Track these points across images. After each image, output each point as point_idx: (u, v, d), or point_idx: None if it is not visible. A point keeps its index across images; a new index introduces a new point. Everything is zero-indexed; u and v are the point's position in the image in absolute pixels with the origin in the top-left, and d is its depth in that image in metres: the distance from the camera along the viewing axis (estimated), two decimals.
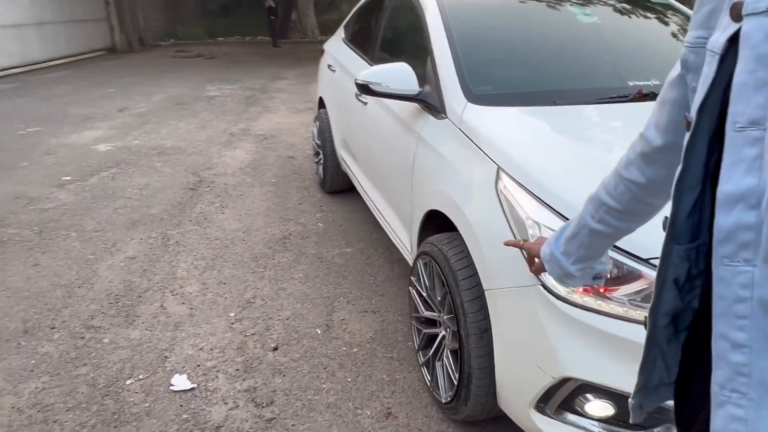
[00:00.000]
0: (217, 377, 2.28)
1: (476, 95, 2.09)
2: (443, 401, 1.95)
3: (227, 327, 2.63)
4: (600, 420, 1.48)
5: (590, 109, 2.03)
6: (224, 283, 3.03)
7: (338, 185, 4.18)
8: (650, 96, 2.11)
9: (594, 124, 1.97)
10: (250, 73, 11.64)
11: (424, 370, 2.14)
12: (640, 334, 1.33)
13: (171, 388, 2.21)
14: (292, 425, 2.02)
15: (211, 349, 2.46)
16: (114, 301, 2.86)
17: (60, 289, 2.97)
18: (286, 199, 4.31)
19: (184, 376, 2.27)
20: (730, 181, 0.64)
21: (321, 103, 4.38)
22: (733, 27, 0.66)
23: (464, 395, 1.80)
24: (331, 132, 4.02)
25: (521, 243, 1.32)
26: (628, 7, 2.71)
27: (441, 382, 1.97)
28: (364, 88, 2.30)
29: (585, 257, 1.10)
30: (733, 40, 0.65)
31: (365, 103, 2.99)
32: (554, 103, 2.03)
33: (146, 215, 4.00)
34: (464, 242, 1.78)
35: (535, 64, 2.33)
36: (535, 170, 1.65)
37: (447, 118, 2.10)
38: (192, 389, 2.20)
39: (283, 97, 8.85)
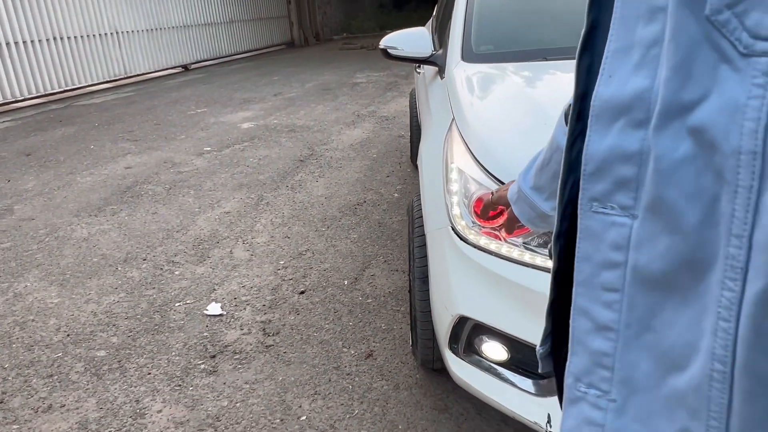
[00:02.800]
0: (245, 309, 2.61)
1: (475, 54, 2.11)
2: (410, 346, 2.04)
3: (273, 272, 2.96)
4: (499, 364, 1.47)
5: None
6: (288, 237, 3.38)
7: None
8: None
9: (566, 76, 1.87)
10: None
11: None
12: (531, 279, 1.34)
13: (205, 312, 2.59)
14: (284, 352, 2.26)
15: (251, 287, 2.80)
16: (197, 244, 3.36)
17: (162, 232, 3.57)
18: (377, 172, 4.55)
19: (219, 305, 2.64)
20: (613, 78, 0.45)
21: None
22: None
23: (415, 339, 1.87)
24: (416, 106, 4.16)
25: (489, 197, 1.07)
26: None
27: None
28: (384, 53, 2.43)
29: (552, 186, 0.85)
30: None
31: (419, 73, 3.09)
32: (544, 59, 1.97)
33: (254, 180, 4.53)
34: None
35: (544, 24, 2.24)
36: (478, 122, 1.66)
37: (445, 77, 2.15)
38: (221, 315, 2.56)
39: None
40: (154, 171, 4.93)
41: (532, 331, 1.36)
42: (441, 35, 2.53)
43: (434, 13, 4.25)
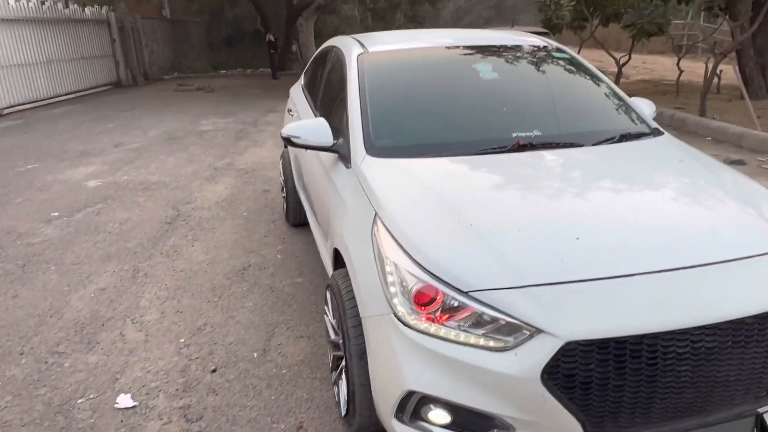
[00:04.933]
0: (158, 396, 2.59)
1: (377, 148, 2.42)
2: (343, 415, 2.24)
3: (176, 352, 2.94)
4: (442, 426, 1.77)
5: (470, 160, 2.35)
6: (181, 312, 3.35)
7: (301, 218, 4.50)
8: (527, 147, 2.44)
9: (464, 174, 2.28)
10: (245, 106, 12.12)
11: (335, 389, 2.43)
12: (468, 355, 1.65)
13: (115, 405, 2.51)
14: None
15: (158, 372, 2.77)
16: (79, 329, 3.18)
17: (33, 318, 3.30)
18: (253, 232, 4.64)
19: (129, 395, 2.58)
20: None
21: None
22: None
23: (352, 409, 2.09)
24: (292, 169, 4.37)
25: None
26: (531, 62, 3.05)
27: (341, 398, 2.26)
28: (288, 141, 2.64)
29: None
30: None
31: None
32: (439, 155, 2.36)
33: (122, 249, 4.35)
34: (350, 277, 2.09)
35: (434, 119, 2.67)
36: (400, 217, 1.96)
37: (351, 167, 2.43)
38: (134, 407, 2.51)
39: (272, 130, 9.27)
40: None
41: (471, 396, 1.68)
42: (330, 120, 2.81)
43: (303, 83, 4.51)
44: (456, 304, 1.72)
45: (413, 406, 1.78)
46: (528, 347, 1.61)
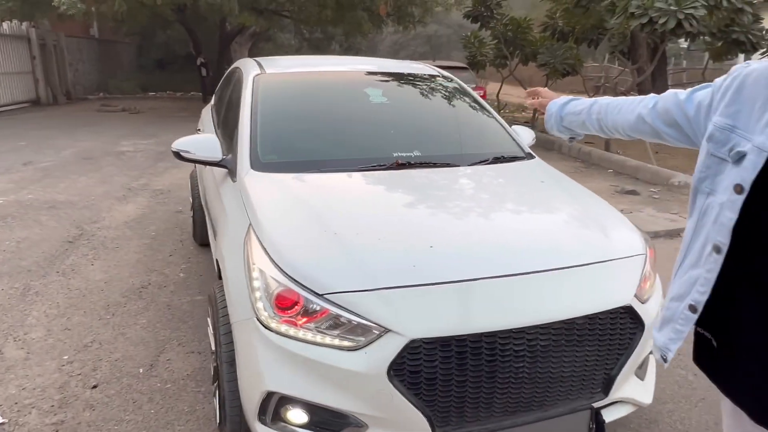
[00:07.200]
0: (30, 413, 2.51)
1: (262, 163, 2.51)
2: (217, 423, 2.26)
3: (57, 368, 2.86)
4: (300, 426, 1.83)
5: (347, 176, 2.48)
6: (69, 329, 3.26)
7: (207, 237, 4.49)
8: (406, 165, 2.59)
9: (338, 188, 2.41)
10: (171, 128, 11.88)
11: (214, 400, 2.44)
12: (323, 355, 1.73)
13: None
14: None
15: (34, 389, 2.68)
16: None
17: None
18: (159, 251, 4.58)
19: None
20: None
21: None
22: None
23: (223, 416, 2.12)
24: (198, 187, 4.37)
25: (537, 89, 1.92)
26: (421, 89, 3.25)
27: (216, 407, 2.28)
28: (177, 155, 2.69)
29: (572, 127, 1.74)
30: None
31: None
32: (319, 171, 2.47)
33: (16, 267, 4.18)
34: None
35: (321, 138, 2.80)
36: (272, 229, 2.04)
37: (237, 181, 2.50)
38: (2, 424, 2.42)
39: None
40: None
41: (326, 395, 1.76)
42: (225, 137, 2.88)
43: (213, 102, 4.56)
44: (316, 308, 1.80)
45: (273, 407, 1.83)
46: (376, 346, 1.72)
